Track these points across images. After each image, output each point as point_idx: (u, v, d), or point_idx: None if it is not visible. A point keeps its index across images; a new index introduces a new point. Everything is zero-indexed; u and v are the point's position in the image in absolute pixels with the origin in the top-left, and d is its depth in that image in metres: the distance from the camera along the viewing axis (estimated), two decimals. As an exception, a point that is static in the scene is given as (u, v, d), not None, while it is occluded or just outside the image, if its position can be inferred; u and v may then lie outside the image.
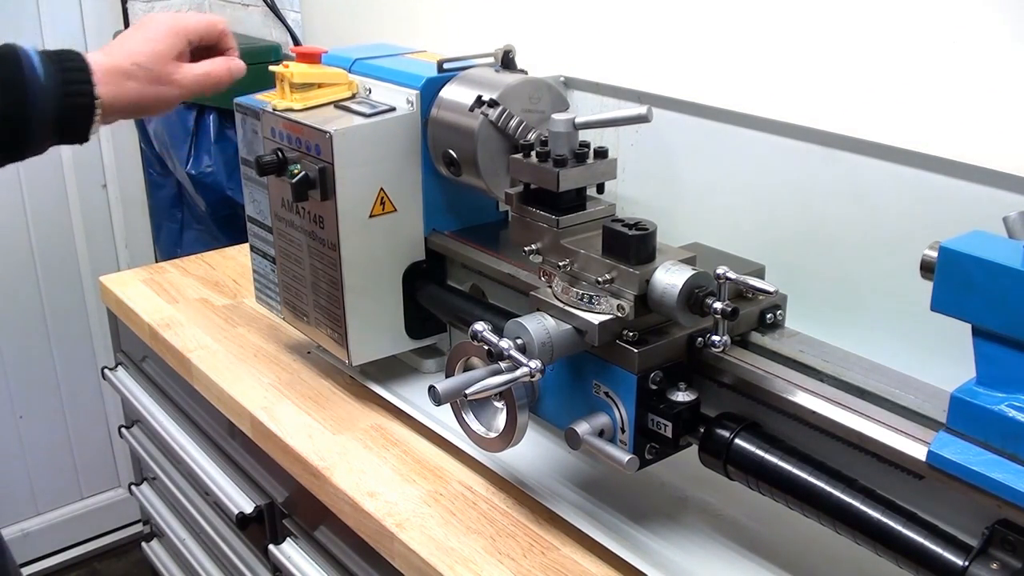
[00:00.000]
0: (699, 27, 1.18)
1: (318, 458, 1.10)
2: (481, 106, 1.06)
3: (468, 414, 0.95)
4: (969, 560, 0.70)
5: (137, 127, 2.34)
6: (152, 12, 2.35)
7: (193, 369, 1.33)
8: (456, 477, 1.06)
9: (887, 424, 0.77)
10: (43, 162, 2.34)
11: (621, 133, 1.20)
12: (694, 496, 1.02)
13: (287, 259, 1.22)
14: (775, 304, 0.94)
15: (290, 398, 1.23)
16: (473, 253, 1.14)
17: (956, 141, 0.94)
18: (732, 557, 0.93)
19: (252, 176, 1.29)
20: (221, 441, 1.38)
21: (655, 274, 0.84)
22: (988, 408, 0.67)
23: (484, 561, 0.92)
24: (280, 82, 1.15)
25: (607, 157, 0.95)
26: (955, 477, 0.69)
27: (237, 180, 1.88)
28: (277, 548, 1.22)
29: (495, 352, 0.86)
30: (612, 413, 0.89)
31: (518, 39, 1.18)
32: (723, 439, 0.86)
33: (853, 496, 0.78)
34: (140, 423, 1.66)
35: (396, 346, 1.21)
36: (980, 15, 0.92)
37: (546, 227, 0.94)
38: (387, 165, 1.12)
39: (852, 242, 1.01)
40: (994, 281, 0.65)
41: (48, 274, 2.41)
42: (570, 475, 1.05)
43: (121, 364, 1.70)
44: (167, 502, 1.64)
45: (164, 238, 2.33)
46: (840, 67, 1.04)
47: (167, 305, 1.51)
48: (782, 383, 0.85)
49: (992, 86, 0.93)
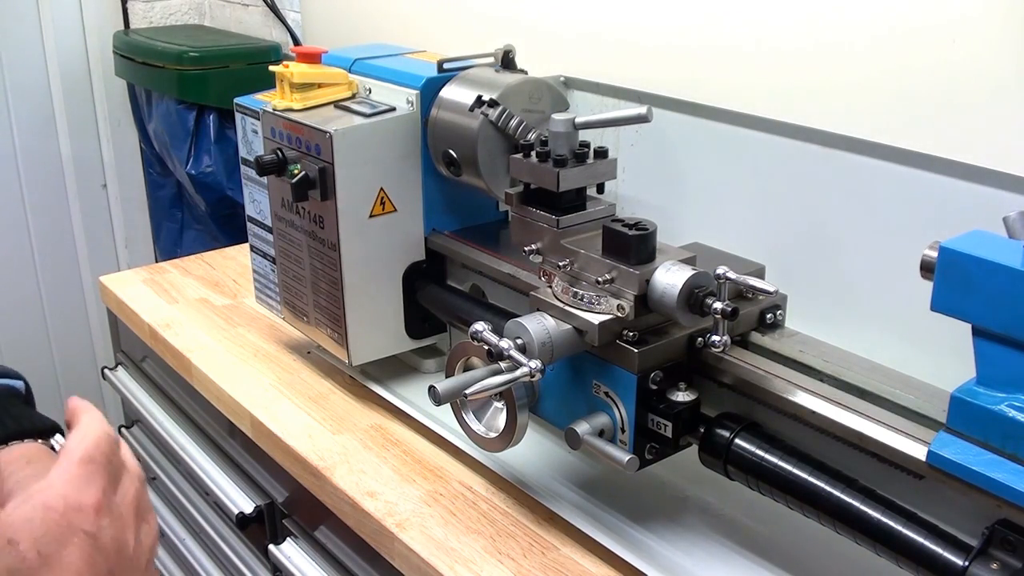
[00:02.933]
0: (699, 27, 1.18)
1: (318, 458, 1.10)
2: (481, 106, 1.06)
3: (468, 414, 0.95)
4: (969, 560, 0.70)
5: (137, 127, 2.34)
6: (151, 11, 2.35)
7: (193, 369, 1.33)
8: (456, 477, 1.06)
9: (887, 424, 0.77)
10: (43, 162, 2.36)
11: (621, 133, 1.20)
12: (694, 496, 1.02)
13: (287, 259, 1.22)
14: (775, 304, 0.94)
15: (290, 398, 1.23)
16: (473, 253, 1.14)
17: (956, 141, 0.94)
18: (732, 557, 0.93)
19: (252, 176, 1.29)
20: (221, 441, 1.38)
21: (655, 274, 0.84)
22: (988, 408, 0.67)
23: (484, 561, 0.92)
24: (280, 82, 1.15)
25: (607, 157, 0.95)
26: (955, 477, 0.69)
27: (237, 180, 1.88)
28: (277, 548, 1.22)
29: (495, 352, 0.86)
30: (612, 413, 0.89)
31: (518, 39, 1.18)
32: (723, 439, 0.86)
33: (853, 496, 0.78)
34: (140, 423, 1.66)
35: (396, 346, 1.21)
36: (980, 15, 0.92)
37: (546, 227, 0.94)
38: (387, 165, 1.12)
39: (852, 242, 1.01)
40: (994, 281, 0.65)
41: (48, 274, 2.41)
42: (570, 475, 1.05)
43: (121, 364, 1.70)
44: (167, 502, 1.64)
45: (164, 238, 2.33)
46: (840, 67, 1.04)
47: (167, 305, 1.51)
48: (782, 383, 0.85)
49: (992, 86, 0.93)
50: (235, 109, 1.30)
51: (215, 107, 1.99)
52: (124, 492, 0.62)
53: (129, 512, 0.61)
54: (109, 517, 0.59)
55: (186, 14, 2.41)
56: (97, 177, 2.43)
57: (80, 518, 0.57)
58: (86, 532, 0.57)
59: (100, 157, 2.42)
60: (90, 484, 0.59)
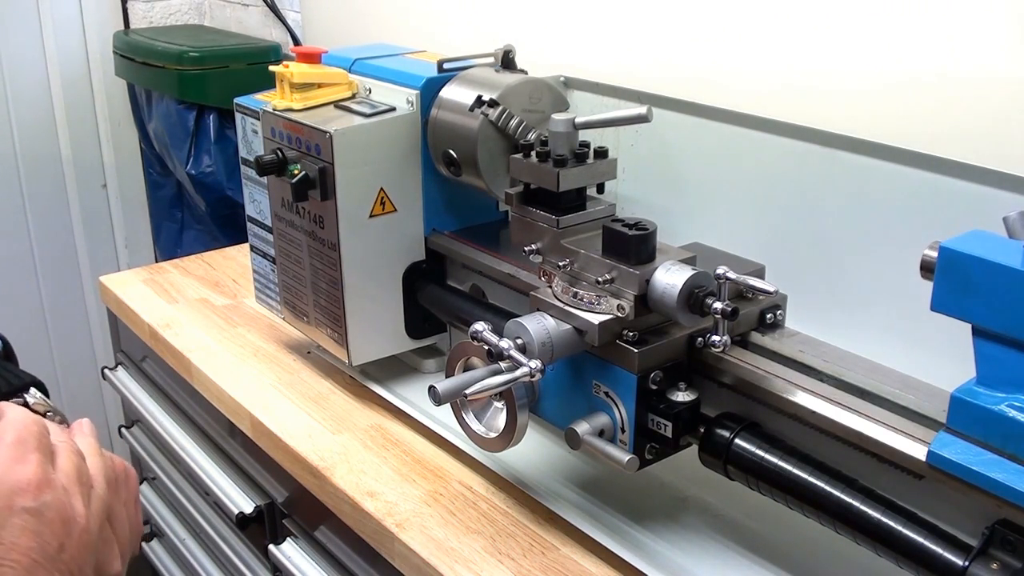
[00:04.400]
0: (699, 27, 1.18)
1: (318, 458, 1.10)
2: (481, 106, 1.06)
3: (468, 414, 0.95)
4: (969, 560, 0.70)
5: (137, 127, 2.34)
6: (151, 11, 2.35)
7: (193, 369, 1.33)
8: (456, 477, 1.06)
9: (887, 424, 0.77)
10: (43, 162, 2.36)
11: (621, 133, 1.20)
12: (694, 496, 1.02)
13: (287, 259, 1.22)
14: (775, 304, 0.94)
15: (290, 398, 1.23)
16: (473, 253, 1.14)
17: (956, 141, 0.94)
18: (732, 557, 0.93)
19: (252, 176, 1.29)
20: (221, 441, 1.38)
21: (655, 274, 0.84)
22: (988, 408, 0.67)
23: (484, 561, 0.92)
24: (280, 82, 1.15)
25: (607, 157, 0.95)
26: (955, 477, 0.69)
27: (237, 180, 1.88)
28: (277, 548, 1.22)
29: (495, 352, 0.86)
30: (612, 413, 0.89)
31: (518, 39, 1.18)
32: (723, 439, 0.86)
33: (853, 496, 0.78)
34: (140, 423, 1.66)
35: (396, 346, 1.21)
36: (980, 15, 0.92)
37: (546, 227, 0.94)
38: (387, 165, 1.12)
39: (852, 242, 1.01)
40: (994, 281, 0.65)
41: (48, 274, 2.41)
42: (570, 475, 1.05)
43: (121, 364, 1.70)
44: (167, 502, 1.64)
45: (164, 238, 2.33)
46: (840, 67, 1.04)
47: (167, 305, 1.51)
48: (782, 383, 0.85)
49: (992, 86, 0.93)
50: (235, 109, 1.30)
51: (215, 107, 1.99)
52: (63, 464, 0.61)
53: (72, 482, 0.61)
54: (51, 491, 0.59)
55: (186, 14, 2.42)
56: (97, 177, 2.43)
57: (19, 496, 0.57)
58: (27, 509, 0.57)
59: (100, 157, 2.42)
60: (25, 462, 0.59)
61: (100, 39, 2.31)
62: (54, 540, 0.58)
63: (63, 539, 0.58)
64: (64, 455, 0.62)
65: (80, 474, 0.62)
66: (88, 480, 0.63)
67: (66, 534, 0.59)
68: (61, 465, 0.61)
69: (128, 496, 0.69)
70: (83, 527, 0.60)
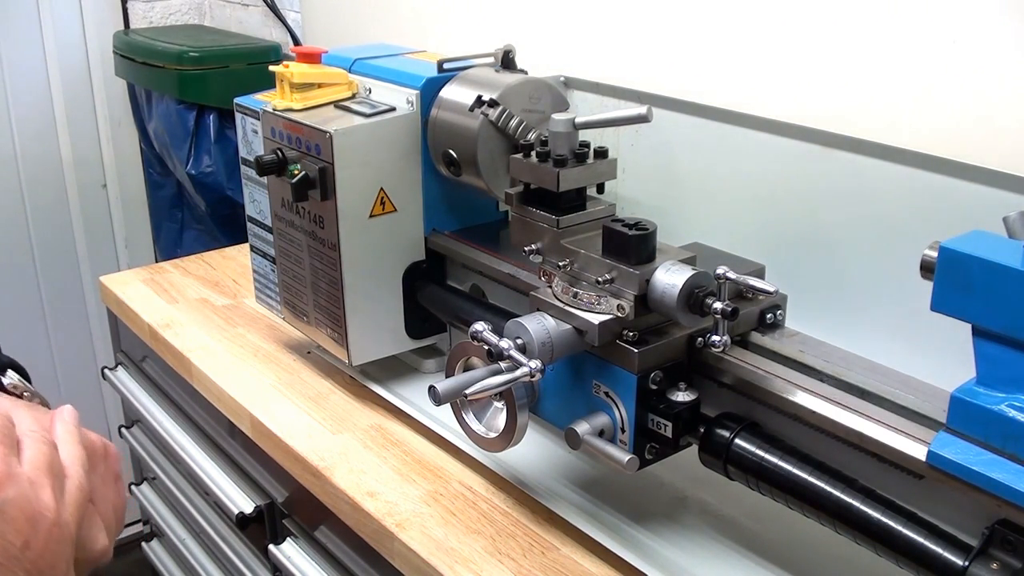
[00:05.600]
0: (699, 27, 1.18)
1: (318, 458, 1.10)
2: (481, 106, 1.06)
3: (468, 414, 0.95)
4: (969, 560, 0.70)
5: (137, 127, 2.34)
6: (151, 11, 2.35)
7: (193, 369, 1.33)
8: (456, 477, 1.06)
9: (887, 424, 0.77)
10: (43, 162, 2.35)
11: (621, 133, 1.20)
12: (694, 496, 1.02)
13: (287, 259, 1.22)
14: (775, 304, 0.94)
15: (290, 398, 1.23)
16: (473, 253, 1.14)
17: (956, 141, 0.94)
18: (732, 557, 0.93)
19: (252, 176, 1.29)
20: (221, 441, 1.38)
21: (655, 274, 0.84)
22: (988, 408, 0.67)
23: (484, 561, 0.92)
24: (280, 82, 1.15)
25: (607, 157, 0.95)
26: (955, 477, 0.69)
27: (237, 180, 1.88)
28: (277, 548, 1.22)
29: (495, 352, 0.86)
30: (612, 413, 0.89)
31: (518, 39, 1.18)
32: (723, 439, 0.86)
33: (853, 496, 0.78)
34: (140, 423, 1.66)
35: (396, 346, 1.21)
36: (980, 15, 0.92)
37: (546, 227, 0.94)
38: (387, 165, 1.12)
39: (852, 242, 1.01)
40: (994, 281, 0.64)
41: (48, 274, 2.41)
42: (570, 475, 1.05)
43: (121, 364, 1.70)
44: (167, 502, 1.64)
45: (164, 238, 2.33)
46: (840, 67, 1.04)
47: (167, 305, 1.51)
48: (782, 383, 0.85)
49: (992, 86, 0.93)
50: (235, 109, 1.30)
51: (215, 107, 1.99)
52: (31, 455, 0.59)
53: (40, 473, 0.58)
54: (13, 486, 0.56)
55: (186, 14, 2.42)
56: (97, 177, 2.43)
57: None
58: None
59: (100, 157, 2.42)
60: None
61: (100, 39, 2.31)
62: (17, 538, 0.55)
63: (28, 536, 0.55)
64: (32, 446, 0.60)
65: (51, 464, 0.60)
66: (60, 470, 0.60)
67: (32, 530, 0.56)
68: (29, 457, 0.59)
69: (107, 472, 0.66)
70: (52, 520, 0.57)
